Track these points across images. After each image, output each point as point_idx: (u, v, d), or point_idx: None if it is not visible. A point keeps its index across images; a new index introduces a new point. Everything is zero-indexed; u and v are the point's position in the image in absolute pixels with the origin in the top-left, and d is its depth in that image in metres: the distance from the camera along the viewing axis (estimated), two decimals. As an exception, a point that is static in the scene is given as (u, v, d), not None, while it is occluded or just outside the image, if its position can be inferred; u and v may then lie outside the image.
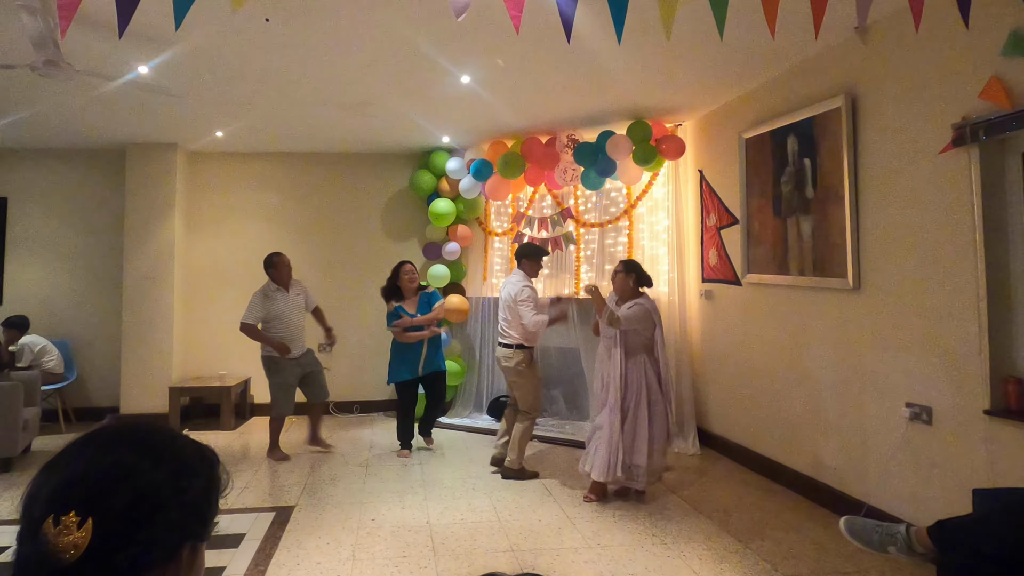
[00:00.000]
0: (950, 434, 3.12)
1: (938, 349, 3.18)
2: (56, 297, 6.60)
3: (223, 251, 6.78)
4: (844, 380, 3.82)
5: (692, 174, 5.65)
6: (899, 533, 2.40)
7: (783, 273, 4.31)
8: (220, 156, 6.82)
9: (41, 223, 6.64)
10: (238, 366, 6.56)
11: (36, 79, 4.18)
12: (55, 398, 6.16)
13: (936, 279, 3.19)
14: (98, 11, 3.22)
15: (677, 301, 5.59)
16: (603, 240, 6.06)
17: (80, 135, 6.10)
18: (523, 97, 4.90)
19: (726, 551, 3.37)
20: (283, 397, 5.10)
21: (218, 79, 4.43)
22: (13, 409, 4.75)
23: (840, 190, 3.75)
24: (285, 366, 5.07)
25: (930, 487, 3.23)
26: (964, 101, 3.01)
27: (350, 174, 6.97)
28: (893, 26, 3.42)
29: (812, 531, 3.61)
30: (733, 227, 4.95)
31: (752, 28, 3.53)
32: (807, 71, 4.12)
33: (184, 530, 0.79)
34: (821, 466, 4.02)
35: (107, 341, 6.53)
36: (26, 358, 5.84)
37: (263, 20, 3.41)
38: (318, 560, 3.29)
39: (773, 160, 4.41)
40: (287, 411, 5.13)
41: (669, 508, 4.00)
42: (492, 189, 6.04)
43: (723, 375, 5.19)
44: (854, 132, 3.69)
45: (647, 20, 3.37)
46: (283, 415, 5.12)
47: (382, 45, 3.82)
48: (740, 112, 4.89)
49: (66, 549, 0.69)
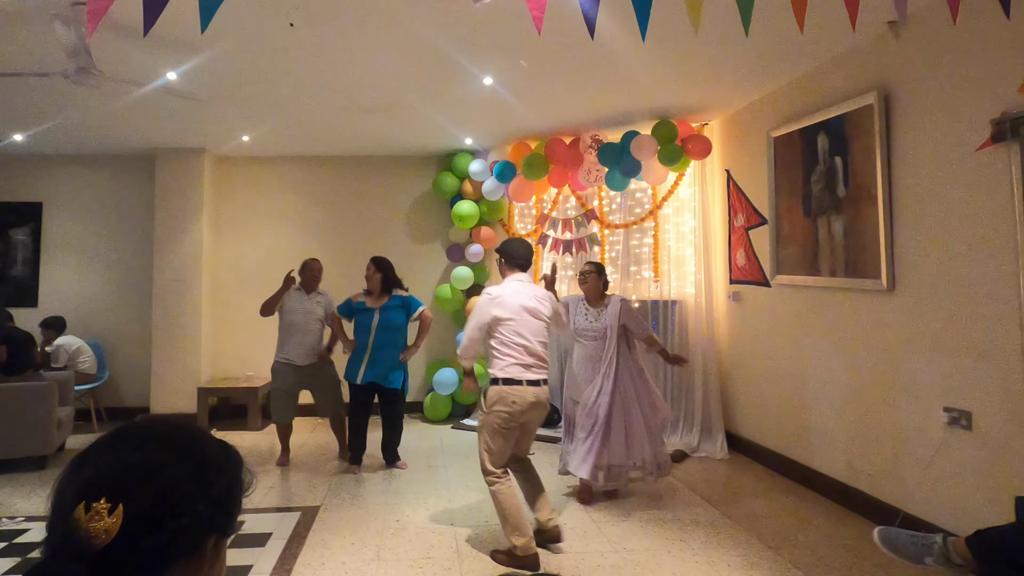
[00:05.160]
0: (991, 440, 3.01)
1: (977, 351, 3.07)
2: (88, 299, 6.76)
3: (250, 254, 6.87)
4: (878, 384, 3.72)
5: (719, 174, 5.56)
6: (936, 543, 2.32)
7: (814, 274, 4.22)
8: (246, 160, 6.92)
9: (74, 227, 6.80)
10: (265, 368, 6.59)
11: (69, 86, 4.28)
12: (88, 398, 6.30)
13: (974, 279, 3.08)
14: (128, 19, 3.28)
15: (704, 303, 5.51)
16: (628, 241, 6.00)
17: (111, 141, 6.23)
18: (546, 98, 4.87)
19: (756, 557, 3.30)
20: (277, 404, 5.00)
21: (244, 84, 4.49)
22: (48, 408, 4.87)
23: (873, 189, 3.65)
24: (283, 373, 4.97)
25: (969, 495, 3.12)
26: (1003, 96, 2.90)
27: (374, 177, 7.02)
28: (927, 19, 3.32)
29: (845, 538, 3.52)
30: (761, 227, 4.86)
31: (780, 24, 3.46)
32: (837, 67, 4.03)
33: (209, 522, 0.82)
34: (854, 472, 3.92)
35: (138, 342, 6.66)
36: (61, 359, 5.98)
37: (287, 25, 3.44)
38: (343, 560, 3.30)
39: (803, 159, 4.32)
40: (281, 419, 5.02)
41: (697, 513, 3.93)
42: (516, 191, 6.02)
43: (752, 378, 5.10)
44: (887, 129, 3.60)
45: (671, 17, 3.33)
46: (278, 422, 5.04)
47: (405, 48, 3.82)
48: (768, 110, 4.80)
49: (97, 534, 0.72)
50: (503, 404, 3.29)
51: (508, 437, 3.32)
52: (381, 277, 4.88)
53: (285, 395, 5.01)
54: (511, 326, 3.36)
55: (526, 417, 3.33)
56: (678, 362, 4.25)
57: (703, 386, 5.43)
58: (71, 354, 6.06)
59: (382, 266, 4.93)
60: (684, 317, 5.65)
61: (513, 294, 3.43)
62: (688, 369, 5.53)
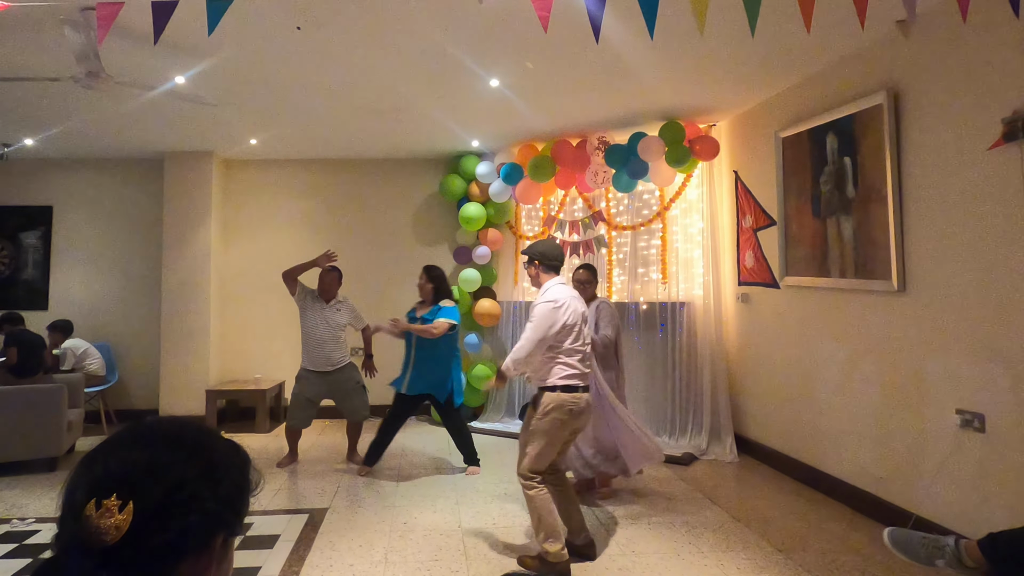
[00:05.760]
0: (1004, 442, 2.98)
1: (990, 353, 3.04)
2: (98, 302, 6.80)
3: (258, 257, 6.89)
4: (889, 386, 3.69)
5: (727, 175, 5.54)
6: (948, 546, 2.30)
7: (823, 275, 4.19)
8: (255, 163, 6.95)
9: (84, 230, 6.85)
10: (273, 370, 6.67)
11: (78, 91, 4.31)
12: (98, 400, 6.34)
13: (986, 280, 3.05)
14: (136, 24, 3.30)
15: (713, 305, 5.49)
16: (635, 243, 5.98)
17: (120, 144, 6.27)
18: (553, 100, 4.87)
19: (766, 561, 3.27)
20: (295, 408, 4.99)
21: (251, 87, 4.51)
22: (58, 410, 4.89)
23: (883, 189, 3.62)
24: (308, 381, 4.98)
25: (982, 498, 3.08)
26: (1015, 94, 2.88)
27: (381, 180, 7.03)
28: (937, 18, 3.30)
29: (855, 541, 3.48)
30: (770, 228, 4.83)
31: (787, 24, 3.44)
32: (846, 67, 4.00)
33: (218, 521, 0.82)
34: (865, 475, 3.89)
35: (147, 345, 6.70)
36: (69, 361, 6.02)
37: (294, 28, 3.45)
38: (351, 562, 3.30)
39: (811, 159, 4.29)
40: (297, 424, 5.02)
41: (706, 516, 3.91)
42: (522, 193, 6.02)
43: (761, 380, 5.07)
44: (897, 129, 3.57)
45: (678, 18, 3.32)
46: (292, 427, 5.04)
47: (411, 51, 3.83)
48: (776, 111, 4.78)
49: (107, 530, 0.73)
50: (561, 411, 3.19)
51: (557, 443, 3.26)
52: (432, 288, 4.90)
53: (307, 402, 5.00)
54: (573, 333, 3.27)
55: (579, 423, 3.29)
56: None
57: (712, 389, 5.40)
58: (78, 356, 6.10)
59: (433, 276, 4.93)
60: (692, 319, 5.62)
61: (572, 299, 3.32)
62: (697, 372, 5.51)
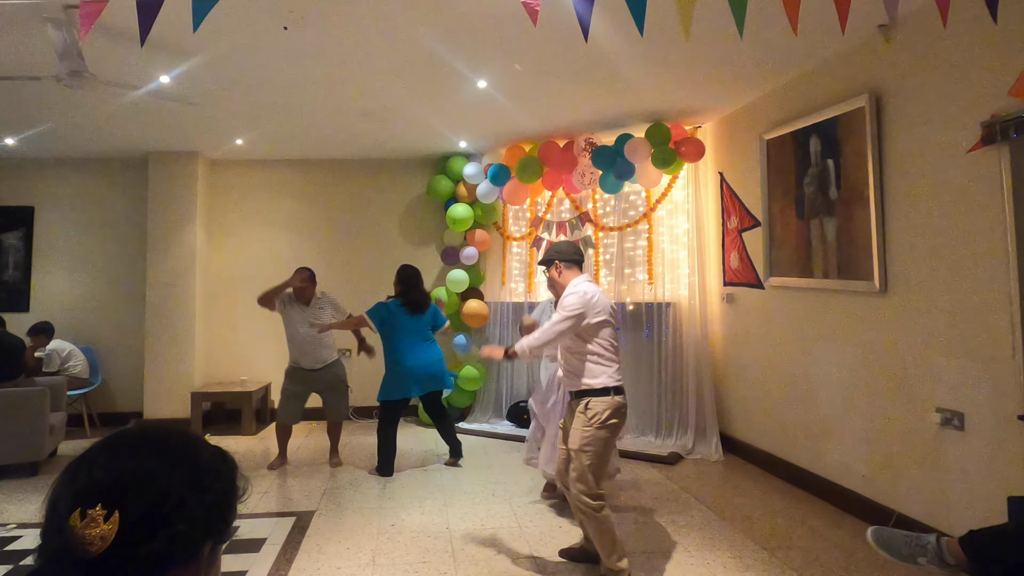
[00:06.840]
0: (983, 440, 3.03)
1: (969, 353, 3.09)
2: (81, 304, 6.71)
3: (244, 258, 6.84)
4: (871, 385, 3.74)
5: (712, 176, 5.59)
6: (930, 543, 2.33)
7: (807, 276, 4.24)
8: (240, 164, 6.90)
9: (66, 231, 6.76)
10: (259, 372, 6.62)
11: (61, 90, 4.26)
12: (80, 403, 6.26)
13: (966, 281, 3.10)
14: (120, 22, 3.27)
15: (698, 305, 5.53)
16: (622, 244, 6.01)
17: (103, 144, 6.20)
18: (540, 101, 4.88)
19: (751, 559, 3.30)
20: (284, 404, 5.06)
21: (238, 87, 4.48)
22: (40, 414, 4.83)
23: (865, 191, 3.67)
24: (295, 376, 5.05)
25: (962, 495, 3.14)
26: (993, 98, 2.93)
27: (368, 180, 7.01)
28: (918, 22, 3.35)
29: (839, 539, 3.53)
30: (755, 230, 4.88)
31: (773, 27, 3.48)
32: (829, 70, 4.06)
33: (206, 528, 0.81)
34: (848, 473, 3.94)
35: (130, 347, 6.62)
36: (53, 364, 5.94)
37: (281, 28, 3.43)
38: (338, 565, 3.29)
39: (795, 161, 4.34)
40: (286, 419, 5.06)
41: (692, 515, 3.94)
42: (510, 193, 6.03)
43: (746, 380, 5.11)
44: (879, 131, 3.62)
45: (664, 20, 3.34)
46: (281, 423, 5.08)
47: (399, 51, 3.83)
48: (761, 113, 4.83)
49: (92, 541, 0.72)
50: (619, 415, 3.00)
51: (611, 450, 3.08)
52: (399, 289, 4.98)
53: (295, 397, 5.07)
54: (608, 329, 3.08)
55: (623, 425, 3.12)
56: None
57: (697, 388, 5.44)
58: (63, 358, 6.03)
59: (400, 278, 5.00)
60: (678, 319, 5.66)
61: (601, 294, 3.11)
62: (682, 371, 5.55)
